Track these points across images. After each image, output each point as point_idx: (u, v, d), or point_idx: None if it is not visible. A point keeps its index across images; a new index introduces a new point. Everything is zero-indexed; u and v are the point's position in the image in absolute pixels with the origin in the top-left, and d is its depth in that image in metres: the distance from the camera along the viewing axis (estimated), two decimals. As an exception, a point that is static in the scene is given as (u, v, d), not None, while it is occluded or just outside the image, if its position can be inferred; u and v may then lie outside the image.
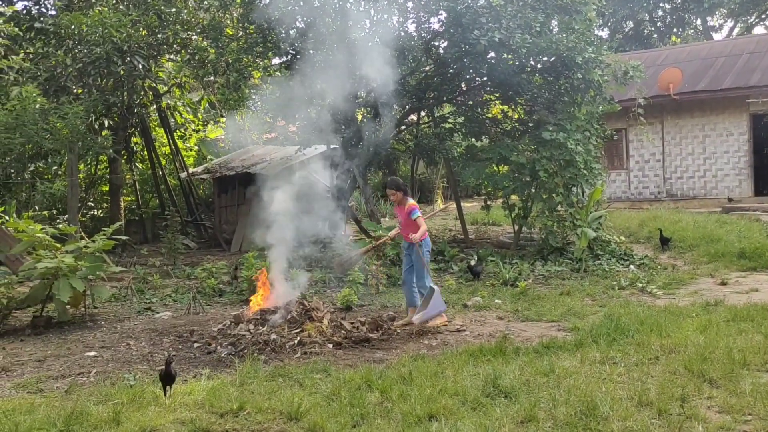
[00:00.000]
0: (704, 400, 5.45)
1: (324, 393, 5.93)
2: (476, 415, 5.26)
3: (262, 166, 18.39)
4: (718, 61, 23.58)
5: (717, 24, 40.87)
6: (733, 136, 22.16)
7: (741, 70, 22.41)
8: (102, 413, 5.53)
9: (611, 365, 6.43)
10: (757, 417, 5.01)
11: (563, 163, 13.48)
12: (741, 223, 16.22)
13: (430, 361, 6.83)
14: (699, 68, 23.45)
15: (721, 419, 5.03)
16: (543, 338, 7.68)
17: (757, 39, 25.35)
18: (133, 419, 5.40)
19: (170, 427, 5.29)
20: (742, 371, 6.02)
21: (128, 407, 5.67)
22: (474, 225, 19.03)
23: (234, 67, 14.38)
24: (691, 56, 24.80)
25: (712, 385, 5.74)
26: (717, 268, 12.20)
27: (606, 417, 5.05)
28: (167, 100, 18.77)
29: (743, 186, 22.09)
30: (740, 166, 22.12)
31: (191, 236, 18.74)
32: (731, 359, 6.28)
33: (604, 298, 10.21)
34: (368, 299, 10.75)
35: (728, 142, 22.27)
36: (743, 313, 8.23)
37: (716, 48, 25.27)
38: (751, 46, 24.03)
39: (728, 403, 5.30)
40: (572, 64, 13.26)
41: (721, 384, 5.74)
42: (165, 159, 20.45)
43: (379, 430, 5.04)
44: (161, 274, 13.16)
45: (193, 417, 5.42)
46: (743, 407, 5.19)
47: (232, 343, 7.86)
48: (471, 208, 22.62)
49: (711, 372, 5.97)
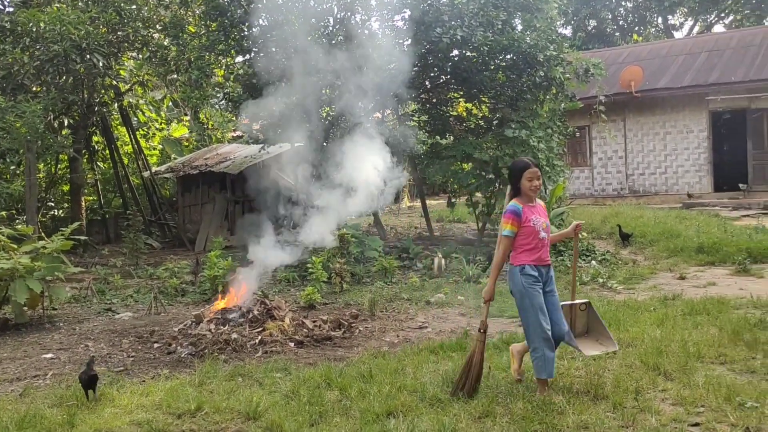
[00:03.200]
0: (658, 392, 5.53)
1: (283, 392, 5.91)
2: (434, 411, 5.28)
3: (226, 165, 18.28)
4: (679, 59, 23.95)
5: (677, 23, 41.55)
6: (693, 133, 22.53)
7: (700, 68, 22.79)
8: (56, 416, 5.45)
9: (569, 360, 6.50)
10: (709, 409, 5.10)
11: (526, 161, 13.55)
12: (700, 218, 16.50)
13: (390, 359, 6.84)
14: (660, 66, 23.80)
15: (674, 411, 5.11)
16: (503, 334, 7.75)
17: (716, 38, 25.80)
18: (88, 421, 5.33)
19: (126, 429, 5.23)
20: (696, 364, 6.11)
21: (83, 409, 5.59)
22: (439, 222, 19.11)
23: (196, 64, 14.27)
24: (652, 54, 25.16)
25: (667, 378, 5.83)
26: (676, 262, 12.39)
27: (562, 411, 5.10)
28: (129, 99, 18.56)
29: (703, 182, 22.48)
30: (700, 163, 22.50)
31: (155, 236, 18.55)
32: (686, 352, 6.39)
33: (565, 293, 10.27)
34: (331, 297, 10.73)
35: (688, 139, 22.64)
36: (699, 306, 8.37)
37: (677, 46, 25.66)
38: (710, 44, 24.45)
39: (682, 395, 5.39)
40: (534, 61, 13.37)
41: (676, 377, 5.83)
42: (127, 158, 20.22)
43: (337, 428, 5.03)
44: (123, 275, 13.00)
45: (150, 418, 5.37)
46: (696, 399, 5.28)
47: (192, 343, 7.79)
48: (436, 206, 22.73)
49: (666, 365, 6.06)
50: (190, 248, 17.35)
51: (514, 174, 5.63)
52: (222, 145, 22.20)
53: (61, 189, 19.62)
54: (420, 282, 11.55)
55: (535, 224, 5.53)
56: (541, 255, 5.55)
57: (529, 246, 5.53)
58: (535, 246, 5.53)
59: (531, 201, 5.63)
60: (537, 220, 5.55)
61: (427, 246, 14.94)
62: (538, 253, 5.54)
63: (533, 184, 5.54)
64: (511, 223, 5.54)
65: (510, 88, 14.57)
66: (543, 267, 5.59)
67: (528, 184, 5.53)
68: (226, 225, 18.00)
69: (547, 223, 5.64)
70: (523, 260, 5.54)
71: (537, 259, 5.54)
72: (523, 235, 5.55)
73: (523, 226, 5.54)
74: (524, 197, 5.59)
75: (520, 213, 5.53)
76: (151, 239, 17.80)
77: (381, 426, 5.00)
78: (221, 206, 18.05)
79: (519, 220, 5.52)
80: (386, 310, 9.66)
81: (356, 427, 5.01)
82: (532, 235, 5.53)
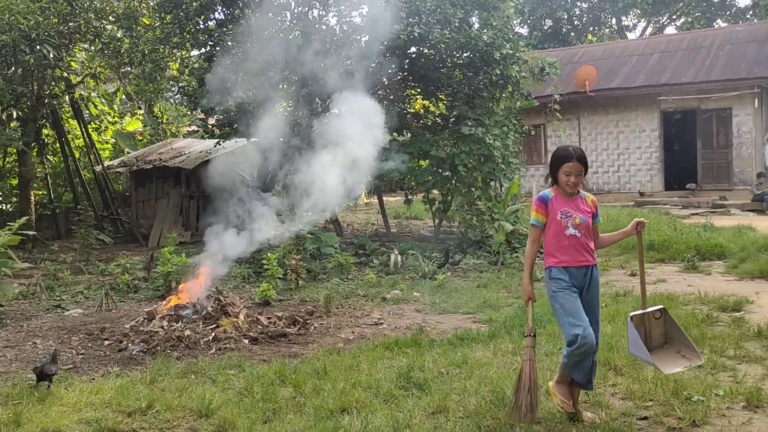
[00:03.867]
0: (609, 387, 5.62)
1: (236, 389, 5.85)
2: (388, 407, 5.28)
3: (181, 160, 18.04)
4: (632, 59, 24.41)
5: (631, 24, 42.32)
6: (645, 133, 22.99)
7: (653, 68, 23.26)
8: (2, 415, 5.30)
9: (521, 354, 6.55)
10: (657, 403, 5.20)
11: (482, 158, 13.69)
12: (651, 216, 16.83)
13: (345, 355, 6.82)
14: (614, 66, 24.22)
15: (623, 405, 5.20)
16: (458, 330, 7.79)
17: (668, 39, 26.35)
18: (35, 420, 5.20)
19: (74, 428, 5.12)
20: (645, 359, 6.23)
21: (30, 408, 5.46)
22: (396, 219, 19.15)
23: (150, 57, 14.05)
24: (606, 54, 25.59)
25: (617, 373, 5.93)
26: (628, 259, 12.61)
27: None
28: (80, 91, 18.17)
29: (654, 181, 22.95)
30: (652, 162, 22.96)
31: (107, 231, 18.22)
32: (636, 347, 6.49)
33: (519, 289, 10.39)
34: (287, 294, 10.67)
35: (641, 138, 23.10)
36: (650, 303, 8.50)
37: (630, 47, 26.15)
38: (662, 45, 24.97)
39: (631, 389, 5.49)
40: (491, 59, 13.48)
41: (626, 371, 5.93)
42: (79, 152, 19.79)
43: (290, 424, 5.00)
44: (73, 271, 12.73)
45: (99, 416, 5.26)
46: (645, 394, 5.38)
47: (144, 340, 7.67)
48: (393, 203, 22.77)
49: (616, 360, 6.16)
50: (143, 244, 17.08)
51: (552, 163, 5.00)
52: (177, 140, 21.92)
53: (10, 183, 19.14)
54: (376, 278, 11.55)
55: (563, 218, 4.87)
56: (572, 255, 4.86)
57: (557, 244, 4.89)
58: (562, 245, 4.86)
59: (569, 194, 4.97)
60: (567, 214, 4.87)
61: (383, 243, 14.95)
62: (568, 253, 4.85)
63: (569, 180, 4.88)
64: (536, 211, 4.95)
65: (467, 86, 14.66)
66: (577, 269, 4.86)
67: (564, 178, 4.89)
68: (181, 220, 17.78)
69: (583, 219, 4.89)
70: (550, 262, 4.93)
71: (568, 260, 4.86)
72: (550, 231, 4.92)
73: (550, 220, 4.92)
74: (561, 188, 4.98)
75: (547, 201, 4.93)
76: (103, 235, 17.47)
77: (335, 422, 4.98)
78: (175, 201, 17.81)
79: (545, 209, 4.91)
80: (342, 306, 9.64)
81: (310, 424, 4.99)
82: (558, 231, 4.88)
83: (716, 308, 8.27)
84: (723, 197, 20.83)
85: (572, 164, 4.86)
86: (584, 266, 4.89)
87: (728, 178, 21.84)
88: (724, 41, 23.66)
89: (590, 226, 4.96)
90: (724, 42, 23.56)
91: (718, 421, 4.85)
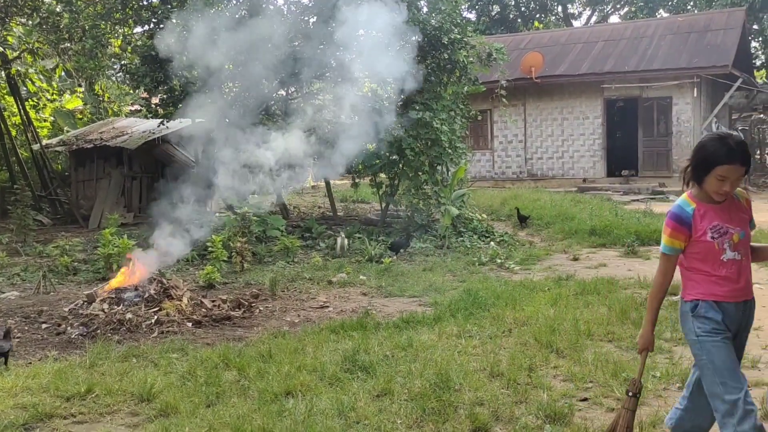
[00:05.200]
0: (551, 369, 5.73)
1: (179, 373, 5.77)
2: (333, 390, 5.28)
3: (123, 140, 17.61)
4: (577, 47, 24.75)
5: (576, 12, 42.88)
6: (589, 120, 23.39)
7: (597, 56, 23.64)
8: (-68, 401, 5.13)
9: (467, 338, 6.63)
10: (597, 384, 5.32)
11: (429, 142, 13.74)
12: (594, 202, 17.17)
13: (290, 338, 6.79)
14: (559, 53, 24.52)
15: (564, 387, 5.31)
16: (404, 313, 7.82)
17: (612, 28, 26.82)
18: (-32, 406, 5.05)
19: (10, 413, 4.98)
20: (586, 341, 6.37)
21: (-37, 394, 5.29)
22: (343, 202, 19.11)
23: (91, 33, 13.66)
24: (552, 41, 25.89)
25: (559, 355, 6.05)
26: (570, 244, 12.84)
27: (458, 388, 5.20)
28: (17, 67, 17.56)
29: (597, 167, 23.39)
30: (594, 148, 23.39)
31: (45, 212, 17.71)
32: (577, 330, 6.64)
33: (464, 273, 10.52)
34: (232, 277, 10.55)
35: (584, 125, 23.49)
36: (591, 286, 8.71)
37: (575, 35, 26.52)
38: (606, 34, 25.39)
39: (572, 371, 5.60)
40: (439, 44, 13.48)
41: (567, 354, 6.05)
42: (15, 129, 19.15)
43: (234, 408, 4.95)
44: (9, 252, 12.35)
45: (36, 401, 5.13)
46: (585, 375, 5.50)
47: (83, 324, 7.49)
48: (341, 186, 22.70)
49: (558, 343, 6.28)
50: (83, 225, 16.66)
51: (702, 159, 3.50)
52: (119, 119, 21.38)
53: (-58, 161, 18.44)
54: (323, 262, 11.51)
55: (716, 237, 3.51)
56: (730, 287, 3.54)
57: (707, 272, 3.56)
58: (716, 272, 3.54)
59: (717, 198, 3.55)
60: (721, 231, 3.52)
61: (330, 226, 14.90)
62: (723, 284, 3.54)
63: (723, 187, 3.47)
64: (672, 236, 3.59)
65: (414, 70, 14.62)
66: (735, 305, 3.57)
67: (716, 185, 3.47)
68: (123, 201, 17.39)
69: (742, 234, 3.55)
70: (696, 293, 3.60)
71: (723, 294, 3.54)
72: (697, 254, 3.59)
73: (695, 240, 3.56)
74: (704, 193, 3.57)
75: (689, 220, 3.55)
76: (41, 215, 16.97)
77: (279, 406, 4.96)
78: (117, 182, 17.40)
79: (687, 232, 3.55)
80: (288, 289, 9.58)
81: (254, 408, 4.96)
82: (709, 254, 3.54)
83: (654, 292, 8.47)
84: (662, 184, 21.37)
85: (733, 168, 3.42)
86: (743, 301, 3.61)
87: (668, 165, 22.39)
88: (665, 31, 24.16)
89: (750, 239, 3.66)
90: (666, 32, 24.06)
91: (655, 401, 4.99)
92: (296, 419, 4.69)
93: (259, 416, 4.75)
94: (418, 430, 4.61)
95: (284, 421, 4.69)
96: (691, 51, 22.42)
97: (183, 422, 4.74)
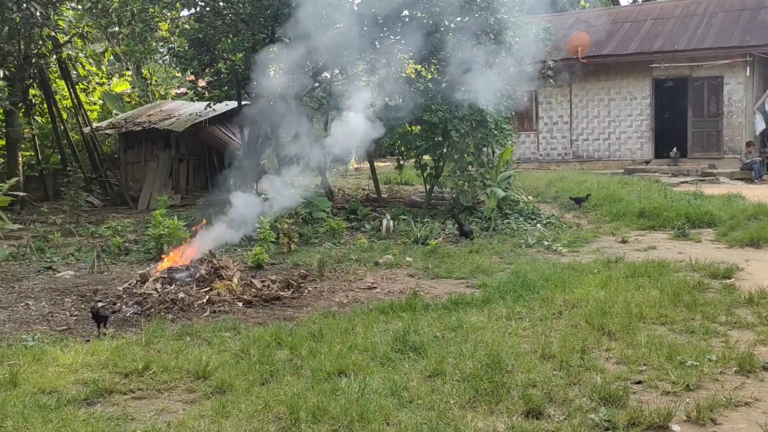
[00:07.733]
0: (603, 352, 5.68)
1: (233, 351, 5.87)
2: (385, 370, 5.32)
3: (170, 122, 17.86)
4: (624, 26, 24.24)
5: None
6: (636, 100, 22.94)
7: (645, 35, 23.13)
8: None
9: (517, 320, 6.61)
10: (651, 367, 5.26)
11: (474, 124, 13.64)
12: (641, 184, 16.88)
13: (340, 318, 6.85)
14: (606, 33, 24.03)
15: (617, 369, 5.26)
16: (452, 295, 7.81)
17: (661, 6, 26.15)
18: (32, 380, 5.21)
19: (71, 388, 5.13)
20: (638, 324, 6.29)
21: (26, 368, 5.46)
22: (387, 184, 19.09)
23: (139, 17, 13.82)
24: (599, 21, 25.37)
25: (611, 338, 5.99)
26: (618, 226, 12.66)
27: (510, 370, 5.19)
28: (68, 51, 17.88)
29: (644, 148, 22.97)
30: (642, 130, 22.95)
31: (96, 193, 18.09)
32: (629, 313, 6.56)
33: (511, 255, 10.46)
34: (279, 258, 10.65)
35: (632, 105, 23.05)
36: (641, 269, 8.59)
37: (623, 13, 25.97)
38: (655, 12, 24.79)
39: (625, 354, 5.54)
40: (485, 24, 13.34)
41: (619, 336, 5.98)
42: (66, 113, 19.54)
43: (288, 386, 5.02)
44: (63, 233, 12.66)
45: (96, 377, 5.27)
46: (639, 358, 5.43)
47: (138, 302, 7.66)
48: (384, 168, 22.68)
49: (610, 325, 6.21)
50: (132, 206, 16.99)
51: None
52: (166, 102, 21.67)
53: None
54: (368, 243, 11.55)
55: None
56: None
57: None
58: None
59: None
60: None
61: (375, 208, 14.93)
62: None
63: None
64: None
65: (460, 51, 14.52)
66: None
67: None
68: (171, 183, 17.66)
69: None
70: None
71: None
72: None
73: None
74: None
75: None
76: (92, 197, 17.35)
77: (332, 384, 5.01)
78: (165, 164, 17.68)
79: None
80: (335, 270, 9.65)
81: (308, 386, 5.02)
82: None
83: (707, 275, 8.33)
84: (712, 165, 20.89)
85: None
86: None
87: (718, 146, 21.87)
88: (717, 9, 23.50)
89: None
90: (717, 9, 23.41)
91: (712, 385, 4.92)
92: (350, 398, 4.74)
93: (313, 394, 4.81)
94: (471, 410, 4.62)
95: (338, 399, 4.74)
96: (743, 29, 21.78)
97: (239, 399, 4.83)
